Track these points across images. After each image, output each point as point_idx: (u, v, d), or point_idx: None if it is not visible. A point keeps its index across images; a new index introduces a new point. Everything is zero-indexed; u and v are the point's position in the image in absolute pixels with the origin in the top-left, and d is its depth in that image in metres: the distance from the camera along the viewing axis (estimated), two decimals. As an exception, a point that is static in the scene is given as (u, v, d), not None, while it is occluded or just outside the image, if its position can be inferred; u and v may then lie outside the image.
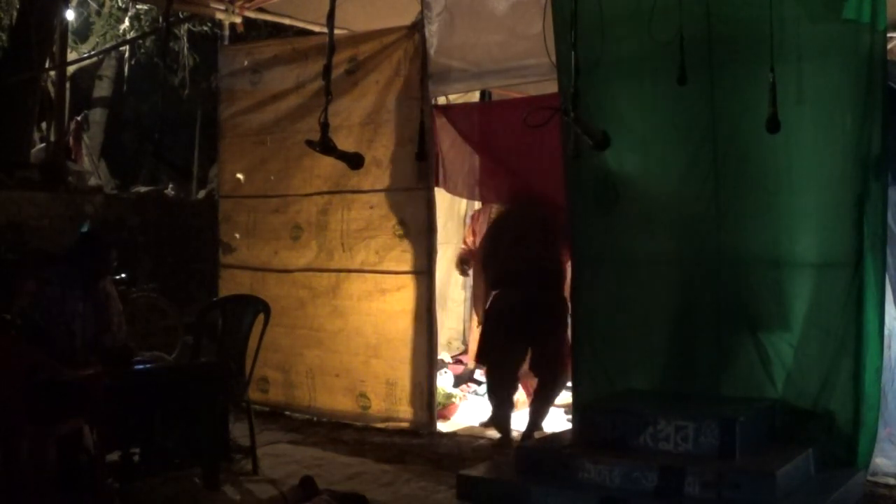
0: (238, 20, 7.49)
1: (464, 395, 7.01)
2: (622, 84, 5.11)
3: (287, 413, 6.72)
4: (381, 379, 6.24)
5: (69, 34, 10.82)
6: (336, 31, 4.70)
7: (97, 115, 15.22)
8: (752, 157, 4.78)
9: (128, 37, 13.15)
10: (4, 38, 12.04)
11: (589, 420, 4.66)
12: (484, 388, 6.48)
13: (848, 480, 4.37)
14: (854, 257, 4.55)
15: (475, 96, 7.74)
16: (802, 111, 4.59)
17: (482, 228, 6.54)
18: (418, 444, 5.88)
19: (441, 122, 6.52)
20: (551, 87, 5.46)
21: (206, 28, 12.69)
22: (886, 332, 4.59)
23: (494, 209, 6.50)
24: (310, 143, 4.69)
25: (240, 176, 7.07)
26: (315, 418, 6.59)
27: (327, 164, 6.01)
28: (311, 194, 6.66)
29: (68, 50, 10.61)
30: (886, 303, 4.59)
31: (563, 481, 4.29)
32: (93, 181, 10.91)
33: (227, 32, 7.54)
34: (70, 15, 10.79)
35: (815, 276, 4.68)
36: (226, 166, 7.24)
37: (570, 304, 5.60)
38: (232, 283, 7.00)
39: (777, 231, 4.75)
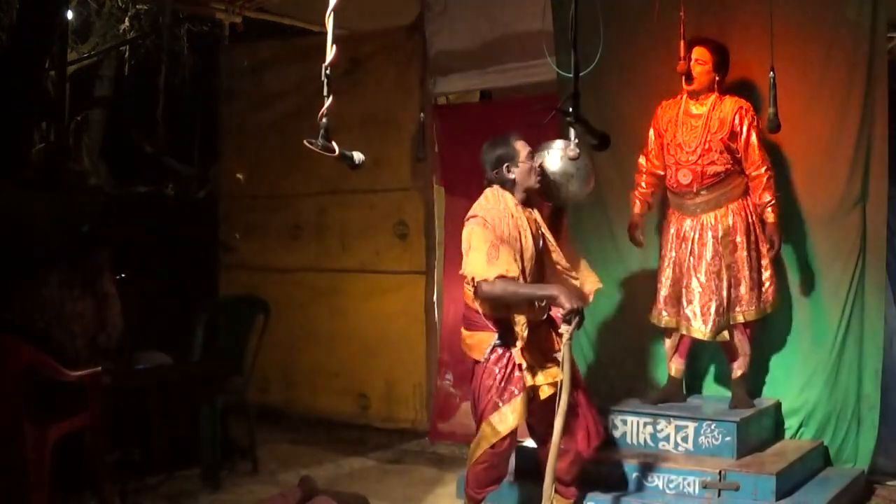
0: (238, 20, 7.49)
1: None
2: (622, 84, 5.11)
3: (287, 413, 6.72)
4: (381, 379, 6.24)
5: (69, 34, 10.81)
6: (336, 31, 4.70)
7: (97, 115, 15.19)
8: (753, 157, 4.76)
9: (128, 37, 13.14)
10: (4, 38, 12.02)
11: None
12: None
13: (848, 480, 4.38)
14: (854, 257, 4.54)
15: (475, 96, 7.73)
16: (803, 111, 4.59)
17: None
18: (418, 444, 5.87)
19: (441, 122, 6.52)
20: (551, 88, 5.46)
21: (206, 28, 12.68)
22: (887, 331, 4.59)
23: None
24: (309, 143, 4.68)
25: (240, 176, 7.07)
26: (315, 418, 6.59)
27: (327, 164, 5.96)
28: (310, 194, 6.65)
29: (68, 50, 10.60)
30: (886, 303, 4.59)
31: (563, 481, 4.29)
32: (93, 181, 10.90)
33: (227, 32, 7.54)
34: (70, 15, 10.77)
35: (816, 276, 4.68)
36: (226, 166, 7.24)
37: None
38: (232, 283, 7.00)
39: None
